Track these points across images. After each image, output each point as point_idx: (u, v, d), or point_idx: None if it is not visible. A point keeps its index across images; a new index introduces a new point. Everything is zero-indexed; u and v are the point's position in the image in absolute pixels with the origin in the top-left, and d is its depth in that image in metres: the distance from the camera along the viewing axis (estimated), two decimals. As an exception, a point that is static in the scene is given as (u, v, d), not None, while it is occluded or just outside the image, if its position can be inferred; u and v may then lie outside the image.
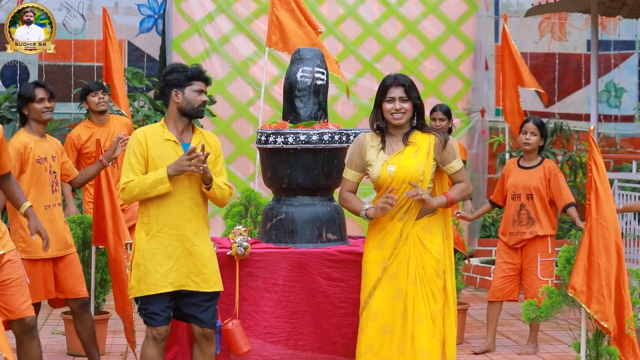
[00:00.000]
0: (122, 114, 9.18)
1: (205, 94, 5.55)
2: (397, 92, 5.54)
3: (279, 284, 6.03)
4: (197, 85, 5.49)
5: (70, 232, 6.69)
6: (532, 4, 11.71)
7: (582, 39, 13.34)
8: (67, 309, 7.53)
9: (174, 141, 5.47)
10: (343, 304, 6.03)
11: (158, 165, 5.41)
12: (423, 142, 5.54)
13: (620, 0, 11.00)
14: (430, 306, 5.46)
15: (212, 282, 5.49)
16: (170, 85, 5.49)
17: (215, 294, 5.54)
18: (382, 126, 5.60)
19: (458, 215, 7.95)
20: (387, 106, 5.54)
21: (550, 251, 7.68)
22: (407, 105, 5.54)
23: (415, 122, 5.60)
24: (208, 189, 5.46)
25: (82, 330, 6.60)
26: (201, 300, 5.48)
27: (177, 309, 5.54)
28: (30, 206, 5.56)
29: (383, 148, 5.57)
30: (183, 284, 5.43)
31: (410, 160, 5.50)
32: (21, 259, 5.67)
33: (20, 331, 5.42)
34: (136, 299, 5.51)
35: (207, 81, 5.55)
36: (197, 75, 5.50)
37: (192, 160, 5.32)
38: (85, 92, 8.36)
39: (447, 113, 8.70)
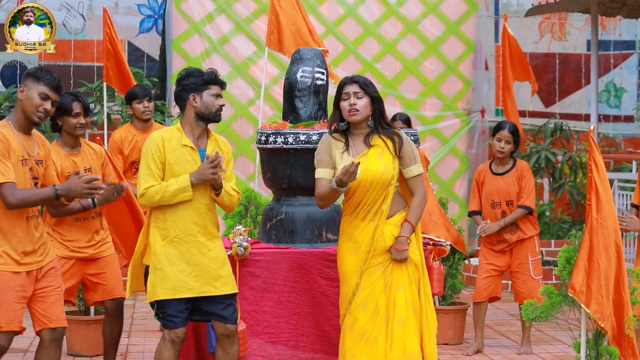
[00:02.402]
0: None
1: (222, 97, 5.57)
2: (351, 88, 5.51)
3: (279, 284, 6.03)
4: (214, 89, 5.50)
5: (104, 235, 6.56)
6: (532, 4, 11.72)
7: (582, 39, 13.34)
8: (67, 309, 7.53)
9: (191, 147, 5.47)
10: (343, 305, 6.04)
11: (174, 171, 5.41)
12: (388, 143, 5.49)
13: (620, 0, 11.01)
14: (414, 304, 5.46)
15: (229, 285, 5.53)
16: (187, 90, 5.48)
17: (234, 295, 5.57)
18: (343, 128, 5.56)
19: (483, 234, 7.74)
20: (344, 104, 5.51)
21: (537, 249, 7.73)
22: (362, 102, 5.49)
23: (373, 123, 5.53)
24: (217, 194, 5.48)
25: (108, 332, 6.54)
26: (222, 298, 5.52)
27: (196, 310, 5.53)
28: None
29: (347, 150, 5.53)
30: (203, 291, 5.45)
31: (376, 162, 5.46)
32: None
33: (50, 338, 5.38)
34: (151, 304, 5.50)
35: (223, 85, 5.57)
36: (214, 79, 5.51)
37: (215, 169, 5.34)
38: (130, 97, 8.25)
39: (407, 122, 8.71)
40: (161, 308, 5.44)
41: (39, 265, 5.33)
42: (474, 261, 10.85)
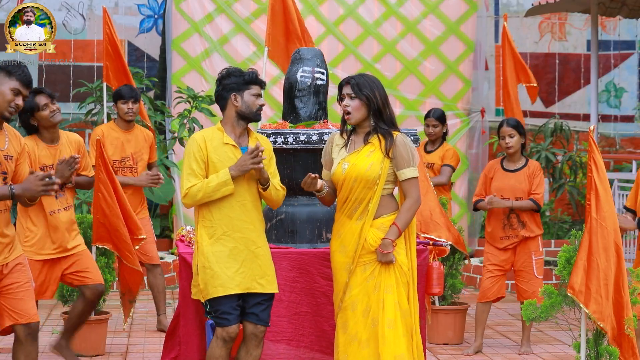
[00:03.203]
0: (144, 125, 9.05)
1: (262, 97, 5.59)
2: (345, 89, 5.54)
3: (279, 283, 6.02)
4: (255, 89, 5.55)
5: (75, 233, 6.69)
6: (532, 4, 11.72)
7: (582, 39, 13.34)
8: (67, 309, 7.54)
9: (233, 145, 5.51)
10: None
11: (218, 169, 5.45)
12: (382, 142, 5.50)
13: (620, 0, 11.01)
14: (402, 306, 5.44)
15: (274, 284, 5.58)
16: (228, 89, 5.53)
17: (273, 296, 5.63)
18: (350, 127, 5.60)
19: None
20: (341, 104, 5.56)
21: (540, 249, 7.75)
22: (355, 103, 5.49)
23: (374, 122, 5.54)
24: (265, 189, 5.52)
25: (76, 314, 6.65)
26: (263, 299, 5.56)
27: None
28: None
29: (345, 146, 5.58)
30: (249, 287, 5.48)
31: (364, 159, 5.47)
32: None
33: (25, 334, 5.38)
34: (204, 304, 5.52)
35: (263, 85, 5.61)
36: (255, 79, 5.55)
37: (255, 159, 5.37)
38: (116, 96, 8.25)
39: (440, 118, 8.69)
40: (214, 306, 5.47)
41: (5, 261, 5.30)
42: (474, 261, 10.85)
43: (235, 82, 5.52)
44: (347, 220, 5.52)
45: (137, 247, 7.18)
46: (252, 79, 5.54)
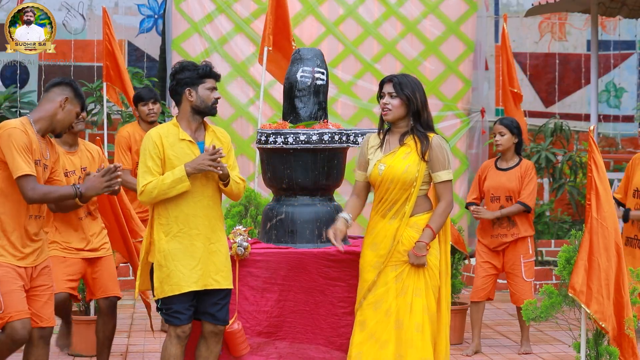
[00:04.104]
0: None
1: (217, 90, 5.57)
2: (387, 87, 5.57)
3: (279, 283, 6.04)
4: (209, 82, 5.51)
5: (102, 235, 6.61)
6: (532, 4, 11.71)
7: (582, 39, 13.34)
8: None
9: (190, 141, 5.48)
10: (341, 303, 6.04)
11: (175, 166, 5.41)
12: (418, 144, 5.53)
13: (620, 0, 11.01)
14: (430, 311, 5.46)
15: (229, 279, 5.56)
16: (182, 84, 5.49)
17: (229, 292, 5.60)
18: (387, 126, 5.63)
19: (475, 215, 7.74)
20: (380, 102, 5.57)
21: (531, 252, 7.74)
22: (395, 102, 5.52)
23: (412, 122, 5.59)
24: (225, 185, 5.50)
25: (101, 331, 6.56)
26: (219, 298, 5.53)
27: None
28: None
29: (381, 147, 5.60)
30: (206, 284, 5.46)
31: (400, 161, 5.50)
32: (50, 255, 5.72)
33: (39, 336, 5.40)
34: (157, 300, 5.50)
35: (217, 78, 5.57)
36: (209, 72, 5.51)
37: (214, 161, 5.35)
38: (136, 99, 8.25)
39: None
40: (166, 304, 5.44)
41: (35, 263, 5.36)
42: (475, 261, 10.84)
43: (189, 76, 5.48)
44: (381, 219, 5.55)
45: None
46: (206, 73, 5.49)
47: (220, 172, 5.40)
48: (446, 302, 5.59)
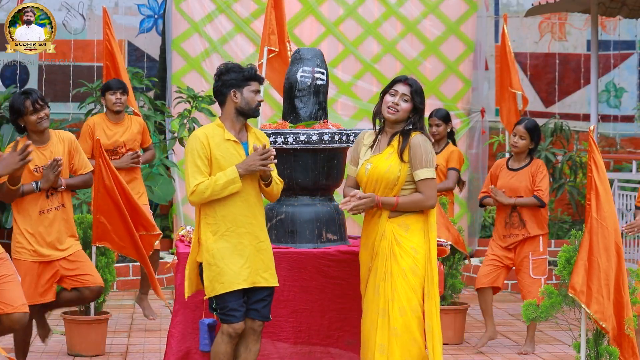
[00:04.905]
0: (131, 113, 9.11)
1: (260, 93, 5.61)
2: (402, 89, 5.57)
3: (279, 283, 6.03)
4: (254, 85, 5.55)
5: (72, 231, 6.62)
6: (532, 4, 11.71)
7: (582, 39, 13.33)
8: (67, 309, 7.53)
9: (235, 141, 5.51)
10: (340, 299, 6.07)
11: (221, 165, 5.45)
12: (400, 144, 5.55)
13: (620, 0, 11.01)
14: (399, 303, 5.45)
15: (276, 277, 5.60)
16: (228, 85, 5.52)
17: (274, 289, 5.65)
18: (381, 125, 5.63)
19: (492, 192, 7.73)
20: (388, 98, 5.56)
21: (542, 249, 7.72)
22: (406, 106, 5.54)
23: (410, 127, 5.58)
24: (267, 185, 5.54)
25: (63, 300, 6.67)
26: (265, 295, 5.57)
27: None
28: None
29: (372, 146, 5.62)
30: (255, 281, 5.50)
31: (384, 162, 5.52)
32: (21, 259, 5.72)
33: (9, 327, 5.50)
34: (211, 299, 5.52)
35: (262, 81, 5.62)
36: (254, 75, 5.56)
37: (265, 160, 5.39)
38: (105, 88, 8.34)
39: (444, 118, 8.66)
40: (221, 303, 5.47)
41: None
42: (474, 261, 10.85)
43: (234, 78, 5.52)
44: (371, 218, 5.60)
45: (156, 243, 7.20)
46: (251, 75, 5.54)
47: (272, 170, 5.46)
48: (435, 302, 5.56)
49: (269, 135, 6.16)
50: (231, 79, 5.52)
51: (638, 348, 5.49)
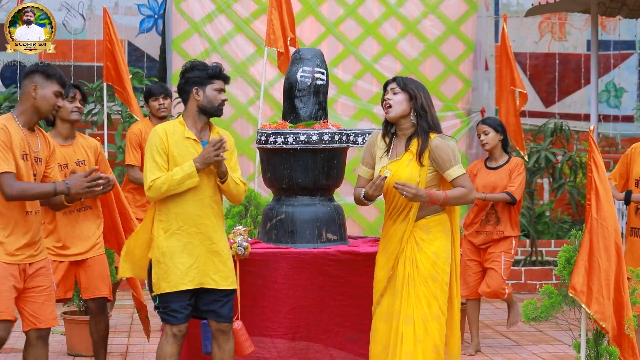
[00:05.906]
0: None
1: (224, 92, 5.56)
2: (390, 85, 5.57)
3: (279, 282, 6.05)
4: (218, 83, 5.52)
5: (96, 234, 6.54)
6: (532, 4, 11.71)
7: (582, 39, 13.33)
8: (67, 309, 7.54)
9: (194, 139, 5.47)
10: (340, 296, 6.08)
11: (178, 163, 5.40)
12: (418, 148, 5.52)
13: (620, 0, 11.01)
14: (421, 310, 5.44)
15: (229, 279, 5.52)
16: (191, 83, 5.49)
17: (232, 292, 5.57)
18: (392, 131, 5.60)
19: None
20: (383, 100, 5.56)
21: (512, 252, 7.75)
22: (398, 97, 5.51)
23: (415, 122, 5.57)
24: (223, 182, 5.47)
25: (94, 331, 6.54)
26: (220, 295, 5.51)
27: (194, 307, 5.54)
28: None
29: (387, 151, 5.57)
30: (202, 282, 5.45)
31: (404, 169, 5.48)
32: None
33: (37, 336, 5.38)
34: (154, 298, 5.49)
35: (226, 80, 5.58)
36: (218, 74, 5.52)
37: (218, 151, 5.33)
38: (147, 94, 8.27)
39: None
40: (164, 302, 5.44)
41: (32, 260, 5.31)
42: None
43: (198, 75, 5.48)
44: (392, 224, 5.56)
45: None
46: (215, 74, 5.50)
47: (224, 158, 5.37)
48: (457, 305, 5.59)
49: (268, 135, 6.16)
50: (194, 77, 5.48)
51: (638, 348, 5.49)
